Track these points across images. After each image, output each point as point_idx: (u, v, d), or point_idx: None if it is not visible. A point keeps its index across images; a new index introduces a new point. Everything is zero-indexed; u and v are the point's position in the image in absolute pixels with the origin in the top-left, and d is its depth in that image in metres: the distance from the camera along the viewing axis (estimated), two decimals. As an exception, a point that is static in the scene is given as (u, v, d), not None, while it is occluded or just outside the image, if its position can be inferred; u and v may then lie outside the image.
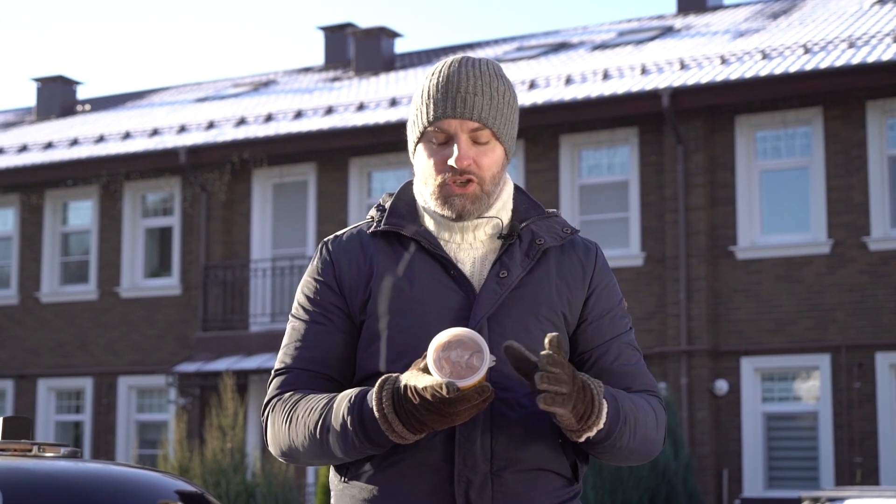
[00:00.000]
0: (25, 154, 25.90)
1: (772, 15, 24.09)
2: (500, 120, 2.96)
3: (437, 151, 2.96)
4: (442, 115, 2.93)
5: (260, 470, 16.24)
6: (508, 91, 2.99)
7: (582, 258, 3.07)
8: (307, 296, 3.02)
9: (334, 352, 2.97)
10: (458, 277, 2.94)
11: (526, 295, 2.95)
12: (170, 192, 24.16)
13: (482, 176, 2.94)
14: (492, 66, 2.99)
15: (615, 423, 2.83)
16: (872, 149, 18.69)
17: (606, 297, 3.07)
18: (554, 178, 20.64)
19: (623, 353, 3.04)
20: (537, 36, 28.11)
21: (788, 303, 18.88)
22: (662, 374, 19.32)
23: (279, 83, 28.88)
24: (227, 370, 18.95)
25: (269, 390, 3.01)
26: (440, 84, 2.95)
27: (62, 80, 31.09)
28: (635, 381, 3.02)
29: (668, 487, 16.75)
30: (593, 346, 3.02)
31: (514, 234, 3.00)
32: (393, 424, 2.71)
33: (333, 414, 2.81)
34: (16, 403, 24.87)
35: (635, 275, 19.79)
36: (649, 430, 2.95)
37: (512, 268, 2.95)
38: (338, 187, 22.43)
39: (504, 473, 2.85)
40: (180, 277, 23.67)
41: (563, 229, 3.08)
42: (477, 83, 2.94)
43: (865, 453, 18.15)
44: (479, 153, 2.94)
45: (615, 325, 3.05)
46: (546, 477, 2.90)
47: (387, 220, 3.01)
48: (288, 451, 2.94)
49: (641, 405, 2.95)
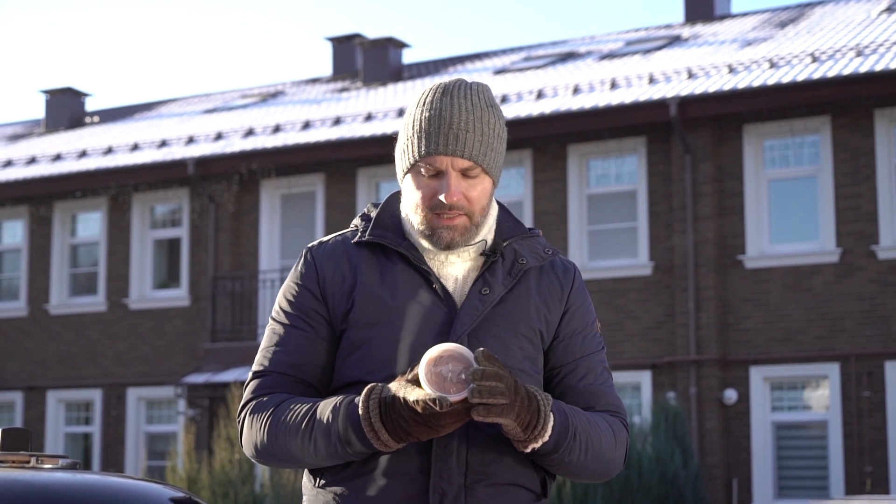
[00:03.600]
0: (34, 166, 25.95)
1: (779, 24, 24.08)
2: (490, 154, 2.97)
3: (426, 184, 2.96)
4: (434, 150, 2.93)
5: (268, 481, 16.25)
6: (498, 122, 3.00)
7: (560, 278, 3.10)
8: (289, 300, 3.03)
9: (313, 358, 2.98)
10: (441, 292, 2.96)
11: (506, 312, 2.98)
12: (178, 203, 24.18)
13: (472, 210, 2.96)
14: (482, 95, 2.99)
15: (563, 436, 2.86)
16: (881, 157, 18.66)
17: (580, 316, 3.10)
18: (562, 188, 20.63)
19: (591, 373, 3.07)
20: (545, 46, 28.11)
21: (797, 312, 18.84)
22: (671, 383, 19.29)
23: (287, 94, 28.91)
24: (236, 381, 18.95)
25: (245, 392, 3.02)
26: (432, 117, 2.94)
27: (71, 91, 31.14)
28: (599, 400, 3.05)
29: (677, 497, 16.73)
30: (563, 363, 3.06)
31: (497, 252, 3.03)
32: (378, 433, 2.75)
33: (318, 419, 2.83)
34: (25, 415, 24.89)
35: (644, 284, 19.77)
36: (604, 449, 2.98)
37: (494, 285, 2.98)
38: (346, 198, 22.44)
39: (477, 486, 2.88)
40: (189, 289, 23.68)
41: (544, 250, 3.10)
42: (469, 118, 2.94)
43: (875, 462, 18.10)
44: (468, 187, 2.95)
45: (586, 344, 3.09)
46: (516, 492, 2.95)
47: (371, 231, 3.03)
48: (264, 453, 2.95)
49: (597, 424, 2.98)
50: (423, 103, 2.98)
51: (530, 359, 3.00)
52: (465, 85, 3.00)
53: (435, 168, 2.95)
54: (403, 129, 3.02)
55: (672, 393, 19.07)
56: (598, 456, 2.96)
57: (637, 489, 16.48)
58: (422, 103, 2.99)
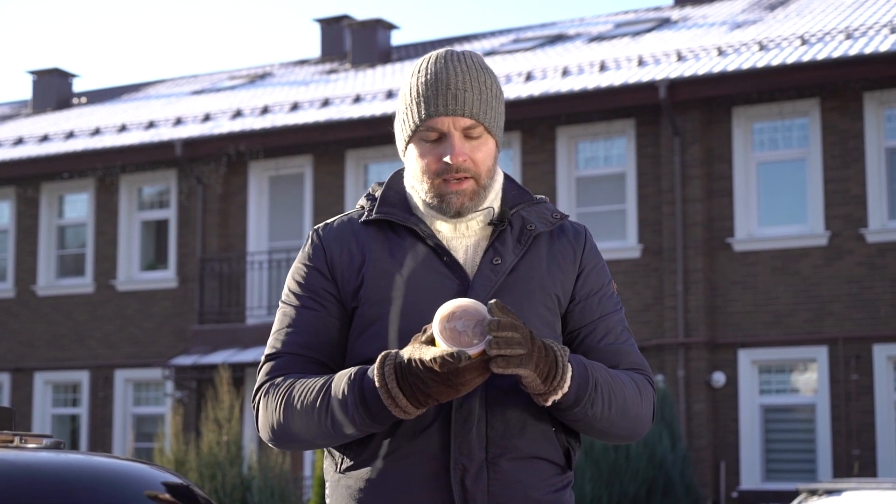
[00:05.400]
0: (21, 147, 25.86)
1: (769, 6, 24.04)
2: (491, 114, 2.97)
3: (429, 150, 2.96)
4: (434, 112, 2.93)
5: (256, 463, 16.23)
6: (494, 83, 3.00)
7: (572, 241, 3.09)
8: (298, 281, 3.02)
9: (325, 337, 2.97)
10: (452, 264, 2.94)
11: (519, 280, 2.96)
12: (166, 184, 24.12)
13: (478, 171, 2.95)
14: (476, 58, 3.00)
15: (583, 387, 2.83)
16: (870, 140, 18.65)
17: (595, 277, 3.08)
18: (551, 170, 20.60)
19: (611, 332, 3.05)
20: (534, 28, 28.08)
21: (786, 295, 18.85)
22: (659, 366, 19.29)
23: (275, 76, 28.84)
24: (224, 363, 18.93)
25: (259, 376, 3.02)
26: (429, 81, 2.95)
27: (58, 72, 31.04)
28: (622, 359, 3.03)
29: (665, 479, 16.73)
30: (581, 324, 3.04)
31: (505, 221, 3.01)
32: (396, 398, 2.72)
33: (332, 392, 2.81)
34: (12, 397, 24.84)
35: (632, 267, 19.76)
36: (629, 403, 2.95)
37: (505, 254, 2.96)
38: (334, 179, 22.39)
39: (500, 461, 2.86)
40: (177, 270, 23.63)
41: (552, 215, 3.09)
42: (465, 78, 2.94)
43: (863, 445, 18.13)
44: (472, 148, 2.95)
45: (603, 304, 3.07)
46: (540, 465, 2.91)
47: (378, 209, 3.02)
48: (282, 435, 2.93)
49: (620, 378, 2.95)
50: (417, 71, 2.99)
51: (548, 324, 2.98)
52: (457, 52, 3.01)
53: (437, 131, 2.94)
54: (401, 100, 3.02)
55: (660, 376, 19.08)
56: (623, 410, 2.93)
57: (625, 472, 16.47)
58: (417, 71, 2.99)
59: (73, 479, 3.16)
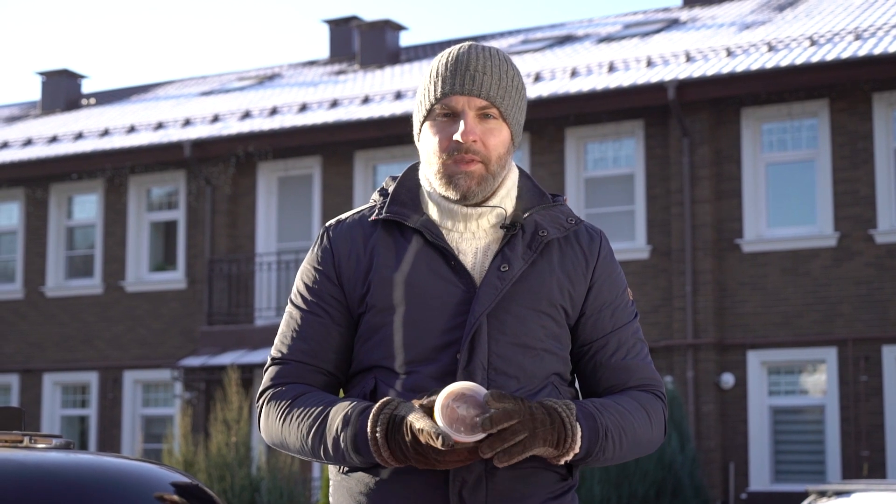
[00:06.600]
0: (30, 148, 25.88)
1: (778, 7, 24.01)
2: (508, 101, 2.93)
3: (442, 128, 2.92)
4: (450, 91, 2.90)
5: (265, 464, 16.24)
6: (517, 76, 2.98)
7: (585, 249, 3.03)
8: (306, 284, 3.01)
9: (330, 345, 2.96)
10: (459, 269, 2.90)
11: (526, 289, 2.91)
12: (175, 185, 24.14)
13: (488, 156, 2.90)
14: (501, 52, 2.99)
15: (594, 441, 2.80)
16: (879, 141, 18.62)
17: (608, 288, 3.03)
18: (559, 171, 20.59)
19: (622, 347, 3.00)
20: (543, 29, 28.06)
21: (795, 296, 18.82)
22: (668, 367, 19.27)
23: (284, 76, 28.85)
24: (233, 364, 18.93)
25: (264, 378, 3.01)
26: (449, 63, 2.93)
27: (67, 73, 31.06)
28: (632, 375, 2.99)
29: (674, 481, 16.72)
30: (593, 339, 2.99)
31: (517, 225, 2.95)
32: (381, 450, 2.72)
33: (328, 424, 2.82)
34: (21, 398, 24.87)
35: (641, 268, 19.74)
36: (639, 435, 2.92)
37: (514, 261, 2.91)
38: (343, 180, 22.39)
39: (498, 472, 2.83)
40: (185, 271, 23.64)
41: (567, 219, 3.02)
42: (486, 63, 2.93)
43: (872, 447, 18.10)
44: (485, 132, 2.90)
45: (616, 316, 3.01)
46: (540, 474, 2.88)
47: (388, 209, 2.98)
48: (280, 445, 2.97)
49: (630, 411, 2.91)
50: (441, 56, 2.98)
51: (554, 336, 2.94)
52: (483, 45, 2.99)
53: (450, 108, 2.91)
54: (421, 84, 3.00)
55: (669, 377, 19.06)
56: (634, 444, 2.91)
57: (633, 473, 16.47)
58: (440, 56, 2.98)
59: (83, 479, 3.16)
